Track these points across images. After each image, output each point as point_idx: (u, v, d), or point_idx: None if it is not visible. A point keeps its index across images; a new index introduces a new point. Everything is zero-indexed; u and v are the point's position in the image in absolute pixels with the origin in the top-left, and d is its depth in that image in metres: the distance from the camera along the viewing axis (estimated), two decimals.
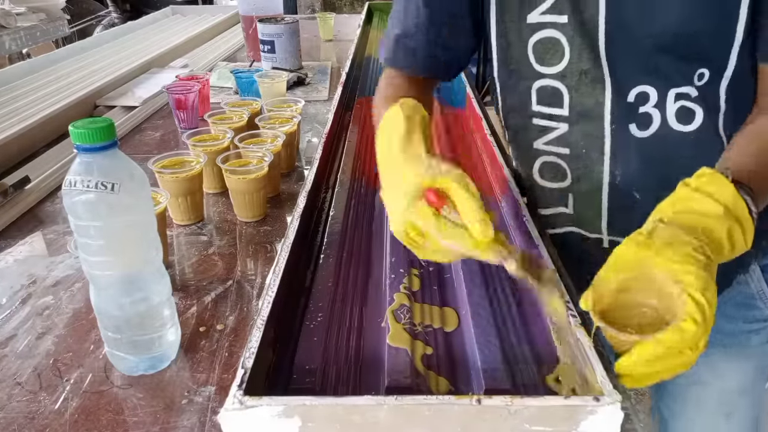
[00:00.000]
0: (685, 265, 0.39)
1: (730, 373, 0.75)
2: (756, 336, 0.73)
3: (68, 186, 0.44)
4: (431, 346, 0.46)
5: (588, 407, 0.36)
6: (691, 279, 0.38)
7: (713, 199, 0.43)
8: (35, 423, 0.47)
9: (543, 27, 0.60)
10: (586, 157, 0.63)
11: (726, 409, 0.77)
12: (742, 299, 0.71)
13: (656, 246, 0.40)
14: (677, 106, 0.58)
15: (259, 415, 0.36)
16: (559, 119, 0.64)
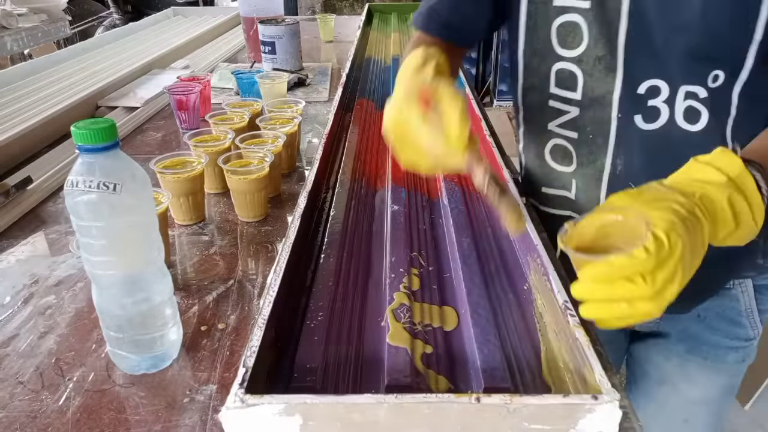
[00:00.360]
0: (661, 211, 0.39)
1: (701, 383, 0.76)
2: (734, 353, 0.74)
3: (70, 186, 0.45)
4: (431, 345, 0.46)
5: (586, 406, 0.36)
6: (658, 220, 0.38)
7: (717, 168, 0.43)
8: (37, 422, 0.47)
9: (567, 11, 0.61)
10: (591, 143, 0.65)
11: (685, 415, 0.79)
12: (730, 315, 0.72)
13: (644, 197, 0.41)
14: (686, 104, 0.58)
15: (261, 413, 0.36)
16: (572, 103, 0.65)
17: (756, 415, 1.53)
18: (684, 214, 0.40)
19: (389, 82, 1.24)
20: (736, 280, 0.70)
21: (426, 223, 0.65)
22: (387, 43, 1.66)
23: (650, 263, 0.37)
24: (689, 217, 0.40)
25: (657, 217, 0.39)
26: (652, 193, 0.42)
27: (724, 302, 0.71)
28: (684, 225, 0.39)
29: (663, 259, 0.37)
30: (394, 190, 0.71)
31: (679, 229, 0.38)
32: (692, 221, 0.40)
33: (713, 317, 0.72)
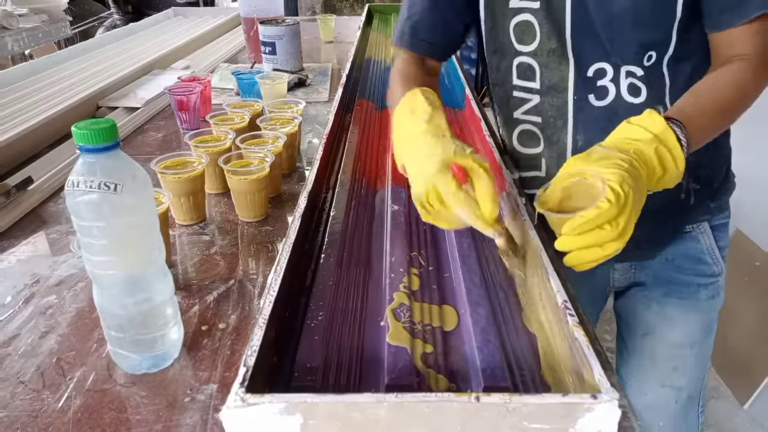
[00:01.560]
0: (611, 168, 0.48)
1: (681, 324, 0.84)
2: (704, 290, 0.82)
3: (71, 186, 0.45)
4: (431, 344, 0.47)
5: (585, 405, 0.36)
6: (611, 175, 0.47)
7: (644, 128, 0.53)
8: (38, 421, 0.47)
9: (521, 11, 0.70)
10: (553, 125, 0.74)
11: (674, 362, 0.85)
12: (694, 253, 0.81)
13: (592, 159, 0.51)
14: (628, 81, 0.68)
15: (261, 412, 0.36)
16: (532, 91, 0.74)
17: (756, 414, 1.53)
18: (627, 167, 0.49)
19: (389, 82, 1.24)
20: (693, 224, 0.80)
21: (426, 223, 0.65)
22: (387, 44, 1.66)
23: (613, 211, 0.46)
24: (631, 169, 0.49)
25: (609, 173, 0.48)
26: (598, 155, 0.51)
27: (687, 244, 0.81)
28: (630, 176, 0.48)
29: (621, 206, 0.47)
30: (394, 190, 0.71)
31: (628, 180, 0.47)
32: (634, 172, 0.49)
33: (680, 258, 0.81)
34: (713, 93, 0.61)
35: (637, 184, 0.49)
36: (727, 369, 1.62)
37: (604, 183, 0.47)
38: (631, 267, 0.86)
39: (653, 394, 0.87)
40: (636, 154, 0.51)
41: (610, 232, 0.47)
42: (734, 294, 1.58)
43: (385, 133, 0.94)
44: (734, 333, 1.59)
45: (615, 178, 0.47)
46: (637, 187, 0.48)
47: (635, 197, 0.48)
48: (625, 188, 0.47)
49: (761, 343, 1.54)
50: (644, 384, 0.87)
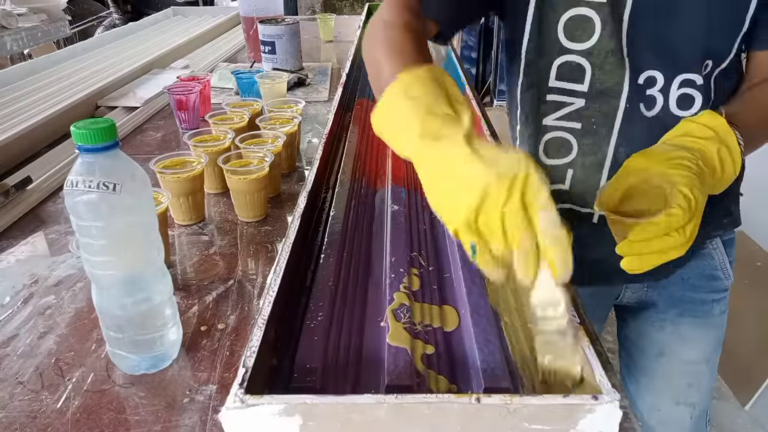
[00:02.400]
0: (678, 170, 0.46)
1: (695, 342, 0.82)
2: (717, 305, 0.80)
3: (70, 186, 0.44)
4: (431, 345, 0.46)
5: (586, 406, 0.36)
6: (680, 179, 0.45)
7: (707, 126, 0.51)
8: (37, 422, 0.47)
9: (578, 4, 0.63)
10: (595, 134, 0.68)
11: (689, 379, 0.83)
12: (708, 271, 0.79)
13: (656, 158, 0.48)
14: (680, 92, 0.64)
15: (260, 413, 0.36)
16: (576, 95, 0.67)
17: (756, 415, 1.53)
18: (695, 168, 0.47)
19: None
20: (709, 240, 0.78)
21: (426, 223, 0.65)
22: None
23: (684, 219, 0.44)
24: (699, 171, 0.47)
25: (677, 175, 0.46)
26: (663, 153, 0.48)
27: (701, 262, 0.78)
28: (698, 179, 0.46)
29: (692, 213, 0.45)
30: (394, 190, 0.71)
31: (697, 184, 0.45)
32: (699, 173, 0.47)
33: (695, 278, 0.79)
34: (758, 107, 0.60)
35: (703, 187, 0.47)
36: (728, 370, 1.62)
37: (672, 186, 0.45)
38: (644, 286, 0.83)
39: (667, 411, 0.85)
40: (700, 153, 0.49)
41: (677, 239, 0.45)
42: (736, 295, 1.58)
43: None
44: (736, 334, 1.59)
45: (685, 182, 0.45)
46: (703, 190, 0.46)
47: (703, 202, 0.46)
48: (696, 193, 0.45)
49: (763, 344, 1.54)
50: (658, 401, 0.85)
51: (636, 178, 0.48)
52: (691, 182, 0.45)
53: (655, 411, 0.85)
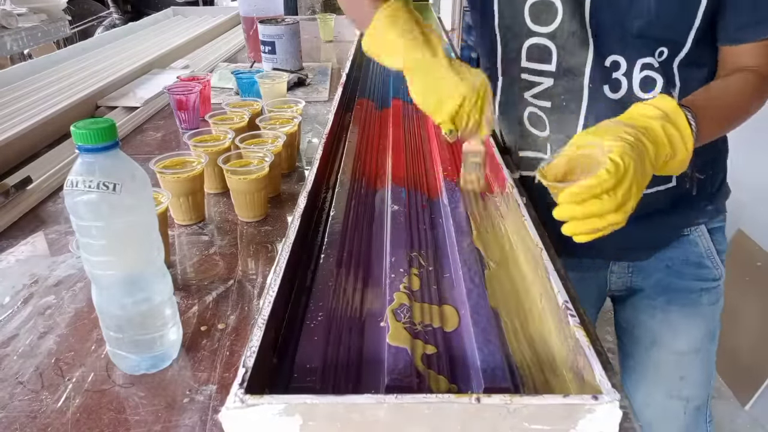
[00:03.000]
0: (614, 140, 0.49)
1: (684, 332, 0.83)
2: (706, 295, 0.82)
3: (70, 186, 0.44)
4: (431, 345, 0.46)
5: (586, 406, 0.36)
6: (613, 146, 0.48)
7: (655, 107, 0.54)
8: (37, 422, 0.47)
9: None
10: (564, 110, 0.74)
11: (681, 372, 0.84)
12: (694, 258, 0.81)
13: (599, 132, 0.51)
14: (642, 75, 0.69)
15: (260, 413, 0.36)
16: (545, 74, 0.74)
17: (756, 415, 1.53)
18: (632, 140, 0.49)
19: (389, 82, 1.23)
20: (691, 227, 0.80)
21: (426, 223, 0.65)
22: None
23: (611, 182, 0.46)
24: (636, 142, 0.49)
25: (612, 145, 0.48)
26: (605, 128, 0.52)
27: (685, 248, 0.81)
28: (632, 148, 0.48)
29: (621, 177, 0.47)
30: (394, 190, 0.71)
31: (629, 152, 0.48)
32: (639, 145, 0.49)
33: (679, 264, 0.81)
34: (723, 94, 0.63)
35: (641, 158, 0.49)
36: (728, 370, 1.62)
37: (605, 155, 0.48)
38: (629, 269, 0.85)
39: (661, 406, 0.86)
40: (644, 129, 0.52)
41: (608, 202, 0.47)
42: (736, 294, 1.58)
43: (384, 133, 0.94)
44: (735, 333, 1.59)
45: (616, 149, 0.47)
46: (640, 160, 0.49)
47: (636, 169, 0.48)
48: (626, 160, 0.47)
49: (763, 343, 1.54)
50: (651, 395, 0.87)
51: (580, 151, 0.52)
52: (623, 150, 0.47)
53: (649, 405, 0.87)
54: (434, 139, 0.87)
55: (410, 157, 0.83)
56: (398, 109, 1.03)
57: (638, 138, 0.50)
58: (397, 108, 1.04)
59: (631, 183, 0.47)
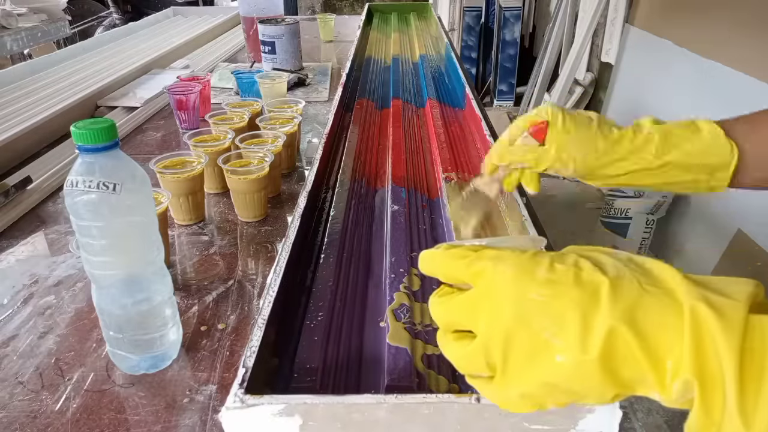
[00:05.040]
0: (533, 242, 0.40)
1: None
2: None
3: (70, 186, 0.44)
4: (431, 345, 0.46)
5: (587, 406, 0.36)
6: (538, 241, 0.39)
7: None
8: (37, 422, 0.47)
9: None
10: None
11: None
12: None
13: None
14: None
15: (260, 413, 0.36)
16: None
17: None
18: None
19: (389, 81, 1.23)
20: None
21: (426, 223, 0.65)
22: (387, 43, 1.66)
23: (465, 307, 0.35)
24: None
25: (536, 239, 0.41)
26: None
27: None
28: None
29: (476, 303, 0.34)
30: (394, 190, 0.71)
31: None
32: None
33: None
34: None
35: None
36: None
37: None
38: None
39: None
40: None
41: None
42: None
43: (385, 133, 0.94)
44: None
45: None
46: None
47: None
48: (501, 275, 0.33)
49: None
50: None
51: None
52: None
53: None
54: (434, 139, 0.87)
55: (410, 157, 0.83)
56: (398, 109, 1.03)
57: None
58: (397, 108, 1.04)
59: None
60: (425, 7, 2.14)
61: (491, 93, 3.75)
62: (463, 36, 3.69)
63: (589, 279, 0.29)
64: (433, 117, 0.96)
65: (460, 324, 0.32)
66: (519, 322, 0.29)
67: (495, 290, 0.30)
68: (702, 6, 1.96)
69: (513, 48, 3.50)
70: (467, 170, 0.77)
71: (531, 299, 0.29)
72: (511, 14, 3.42)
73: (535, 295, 0.29)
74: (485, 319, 0.30)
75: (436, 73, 1.31)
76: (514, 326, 0.29)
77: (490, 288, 0.30)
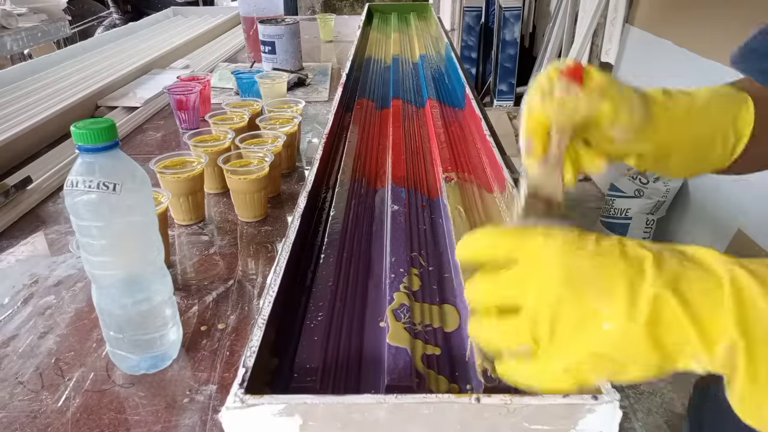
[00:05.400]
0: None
1: None
2: None
3: (70, 186, 0.44)
4: (431, 345, 0.46)
5: (586, 406, 0.36)
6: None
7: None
8: (37, 422, 0.47)
9: None
10: None
11: None
12: None
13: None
14: None
15: (260, 413, 0.36)
16: None
17: None
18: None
19: (389, 82, 1.23)
20: None
21: (426, 223, 0.65)
22: (387, 43, 1.66)
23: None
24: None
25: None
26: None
27: None
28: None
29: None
30: (394, 190, 0.71)
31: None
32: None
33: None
34: None
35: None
36: None
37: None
38: None
39: None
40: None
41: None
42: None
43: (385, 133, 0.94)
44: None
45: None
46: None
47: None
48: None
49: None
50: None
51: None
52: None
53: None
54: (434, 139, 0.87)
55: (410, 157, 0.83)
56: (398, 109, 1.03)
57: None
58: (397, 108, 1.04)
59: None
60: (425, 7, 2.14)
61: (491, 93, 3.75)
62: (463, 36, 3.69)
63: (633, 253, 0.30)
64: (433, 117, 0.96)
65: (505, 299, 0.32)
66: (568, 291, 0.29)
67: (544, 262, 0.31)
68: (702, 6, 1.96)
69: (513, 48, 3.50)
70: (467, 170, 0.77)
71: (579, 270, 0.30)
72: (511, 14, 3.42)
73: (583, 265, 0.30)
74: (534, 290, 0.30)
75: (436, 73, 1.31)
76: (563, 296, 0.29)
77: (540, 260, 0.31)
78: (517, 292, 0.31)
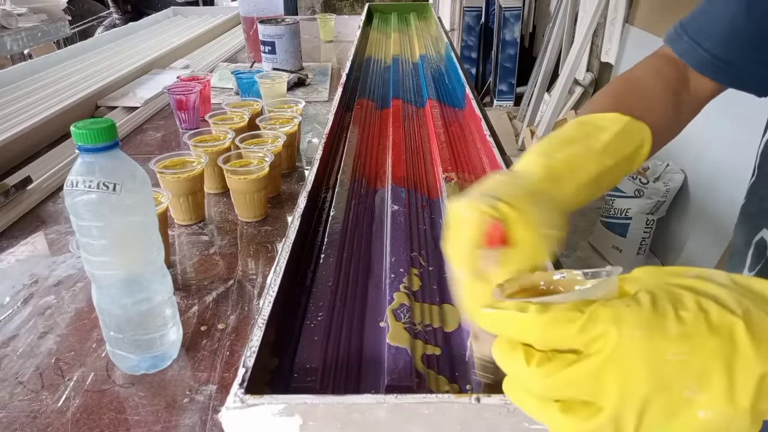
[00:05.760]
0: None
1: None
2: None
3: (70, 186, 0.44)
4: (431, 345, 0.46)
5: None
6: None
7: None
8: (37, 422, 0.47)
9: None
10: None
11: None
12: None
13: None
14: None
15: (260, 413, 0.36)
16: None
17: None
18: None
19: (389, 82, 1.23)
20: None
21: (426, 223, 0.65)
22: (387, 43, 1.66)
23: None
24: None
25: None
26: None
27: None
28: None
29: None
30: (394, 190, 0.71)
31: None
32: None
33: None
34: None
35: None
36: None
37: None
38: None
39: None
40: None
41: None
42: None
43: (385, 133, 0.94)
44: None
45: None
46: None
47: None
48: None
49: None
50: None
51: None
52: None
53: None
54: (434, 139, 0.87)
55: (410, 157, 0.83)
56: (398, 109, 1.03)
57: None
58: (397, 108, 1.04)
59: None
60: (425, 7, 2.14)
61: (491, 93, 3.75)
62: (463, 36, 3.70)
63: (720, 323, 0.26)
64: (433, 117, 0.96)
65: (576, 396, 0.28)
66: (658, 387, 0.26)
67: (626, 357, 0.26)
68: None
69: (513, 48, 3.50)
70: (467, 170, 0.77)
71: (669, 361, 0.26)
72: (511, 14, 3.42)
73: (672, 355, 0.26)
74: (616, 390, 0.26)
75: (436, 73, 1.31)
76: (652, 393, 0.26)
77: (619, 355, 0.27)
78: (593, 390, 0.27)
